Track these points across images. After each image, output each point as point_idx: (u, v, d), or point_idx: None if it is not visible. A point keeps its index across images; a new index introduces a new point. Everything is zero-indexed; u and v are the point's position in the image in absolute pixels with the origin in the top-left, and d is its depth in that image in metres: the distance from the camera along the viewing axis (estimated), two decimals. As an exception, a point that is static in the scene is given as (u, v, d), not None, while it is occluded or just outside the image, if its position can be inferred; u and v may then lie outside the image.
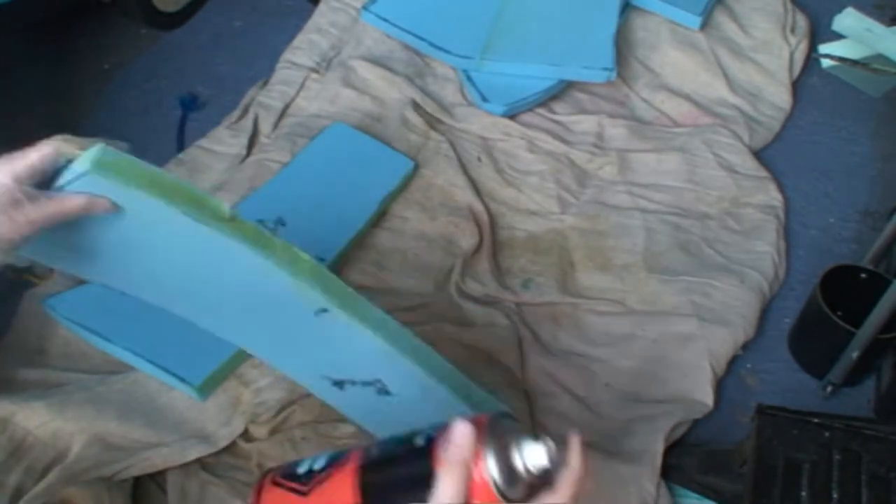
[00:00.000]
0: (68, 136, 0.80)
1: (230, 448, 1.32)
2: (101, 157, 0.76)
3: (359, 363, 0.95)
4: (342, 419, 1.31)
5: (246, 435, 1.33)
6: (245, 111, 1.95)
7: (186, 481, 1.27)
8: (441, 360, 0.95)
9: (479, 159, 1.84)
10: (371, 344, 0.88)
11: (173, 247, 0.83)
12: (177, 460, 1.27)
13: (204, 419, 1.33)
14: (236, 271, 0.84)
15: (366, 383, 0.99)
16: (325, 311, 0.85)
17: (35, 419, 1.27)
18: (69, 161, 0.79)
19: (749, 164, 1.84)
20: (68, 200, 0.80)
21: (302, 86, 1.98)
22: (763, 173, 1.83)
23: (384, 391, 0.99)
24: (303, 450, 1.32)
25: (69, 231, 0.81)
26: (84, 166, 0.76)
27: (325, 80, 1.99)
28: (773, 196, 1.78)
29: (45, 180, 0.80)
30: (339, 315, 0.84)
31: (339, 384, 1.03)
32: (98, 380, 1.37)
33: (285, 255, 0.81)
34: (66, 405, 1.30)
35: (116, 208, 0.80)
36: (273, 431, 1.33)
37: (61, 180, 0.79)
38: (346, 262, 1.64)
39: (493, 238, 1.71)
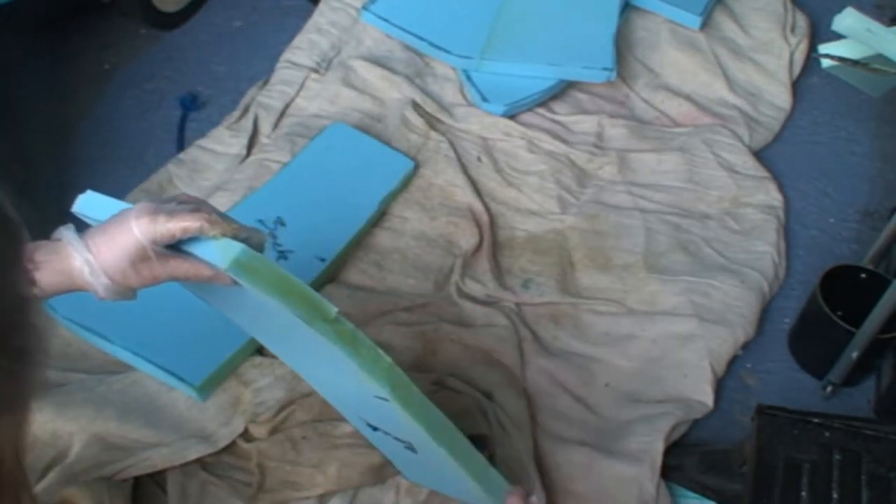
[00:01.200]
0: (212, 216, 0.82)
1: (230, 448, 1.32)
2: (240, 258, 0.80)
3: (396, 428, 1.03)
4: (342, 418, 1.31)
5: (246, 435, 1.33)
6: (245, 111, 1.94)
7: (186, 481, 1.27)
8: (474, 454, 1.01)
9: (479, 159, 1.84)
10: (412, 428, 0.96)
11: (279, 322, 0.91)
12: (177, 460, 1.27)
13: (204, 419, 1.33)
14: (327, 358, 0.93)
15: (397, 439, 1.06)
16: (385, 399, 0.92)
17: (35, 419, 1.27)
18: (209, 237, 0.82)
19: (749, 164, 1.84)
20: (196, 268, 0.83)
21: (302, 86, 1.98)
22: (763, 173, 1.83)
23: (412, 449, 1.06)
24: (303, 449, 1.32)
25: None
26: (222, 262, 0.80)
27: (325, 80, 1.99)
28: (773, 196, 1.78)
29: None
30: (396, 406, 0.92)
31: (374, 428, 1.10)
32: (98, 380, 1.37)
33: (370, 356, 0.90)
34: (66, 405, 1.30)
35: (235, 284, 0.84)
36: (273, 431, 1.33)
37: (195, 250, 0.83)
38: (346, 262, 1.64)
39: (493, 238, 1.71)
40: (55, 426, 1.27)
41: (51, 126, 2.01)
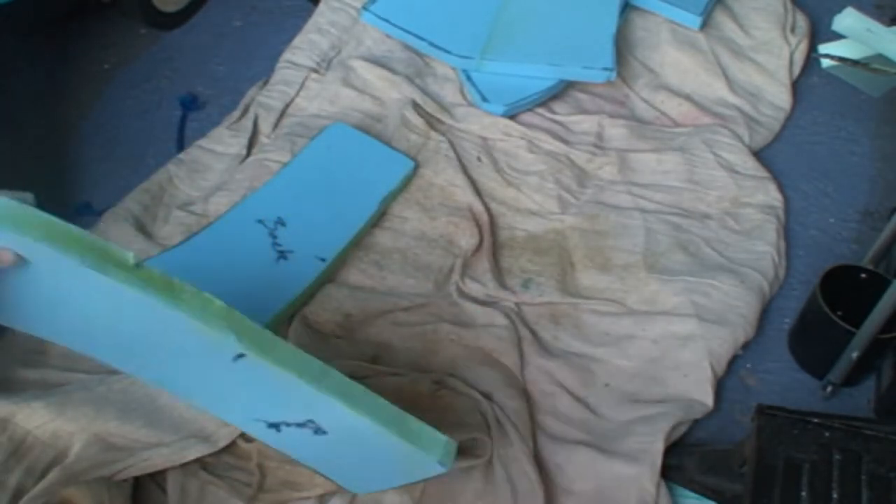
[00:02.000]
0: None
1: (230, 448, 1.32)
2: (1, 211, 0.76)
3: (287, 405, 0.94)
4: None
5: (245, 435, 1.33)
6: (245, 111, 1.95)
7: (186, 481, 1.27)
8: (369, 395, 0.93)
9: (479, 159, 1.84)
10: (293, 385, 0.86)
11: (83, 298, 0.83)
12: (177, 460, 1.27)
13: (204, 419, 1.32)
14: (149, 320, 0.83)
15: (299, 425, 0.98)
16: (242, 356, 0.83)
17: (35, 419, 1.27)
18: None
19: (749, 164, 1.84)
20: None
21: (302, 86, 1.99)
22: (763, 173, 1.83)
23: (319, 430, 0.97)
24: None
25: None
26: None
27: (325, 80, 1.99)
28: (773, 196, 1.78)
29: None
30: (257, 359, 0.83)
31: (275, 426, 1.01)
32: (98, 380, 1.37)
33: (195, 301, 0.80)
34: (66, 405, 1.30)
35: (20, 260, 0.78)
36: None
37: None
38: (346, 262, 1.64)
39: (493, 238, 1.71)
40: (55, 426, 1.27)
41: (51, 126, 2.01)
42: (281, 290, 1.52)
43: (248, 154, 1.85)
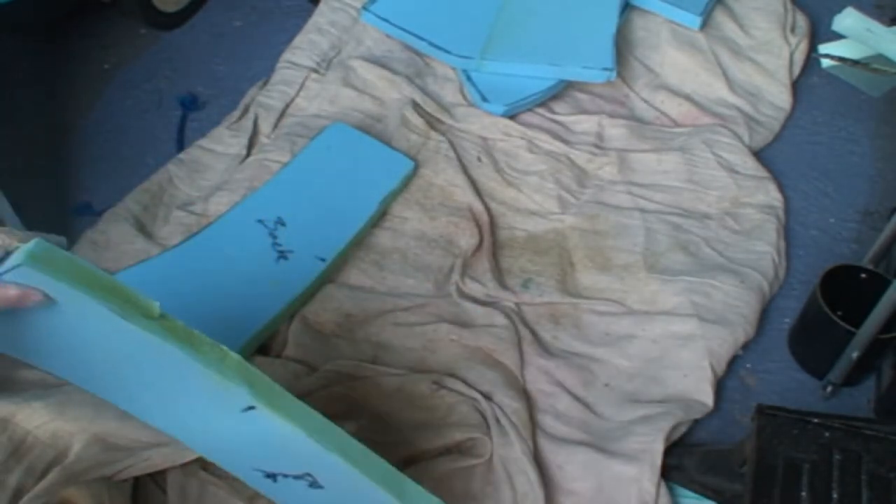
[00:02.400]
0: (6, 229, 0.82)
1: None
2: (35, 251, 0.79)
3: (288, 457, 0.96)
4: (343, 416, 1.32)
5: None
6: (245, 111, 1.95)
7: (186, 481, 1.27)
8: (371, 455, 0.95)
9: (479, 159, 1.84)
10: (297, 439, 0.90)
11: (104, 341, 0.86)
12: (177, 460, 1.27)
13: None
14: (167, 367, 0.86)
15: (297, 477, 1.00)
16: (252, 408, 0.87)
17: (35, 419, 1.27)
18: (7, 252, 0.80)
19: (749, 164, 1.84)
20: (2, 291, 0.80)
21: (302, 86, 1.99)
22: (763, 173, 1.83)
23: (316, 485, 1.00)
24: None
25: (8, 317, 0.83)
26: (19, 259, 0.78)
27: (325, 80, 1.99)
28: (773, 196, 1.78)
29: None
30: (266, 412, 0.86)
31: (271, 476, 1.03)
32: None
33: (213, 353, 0.84)
34: (66, 405, 1.29)
35: (49, 301, 0.81)
36: None
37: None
38: (346, 262, 1.64)
39: (493, 238, 1.71)
40: (55, 426, 1.27)
41: (51, 126, 2.02)
42: (281, 290, 1.53)
43: (248, 154, 1.85)
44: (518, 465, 1.31)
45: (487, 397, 1.41)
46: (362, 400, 1.40)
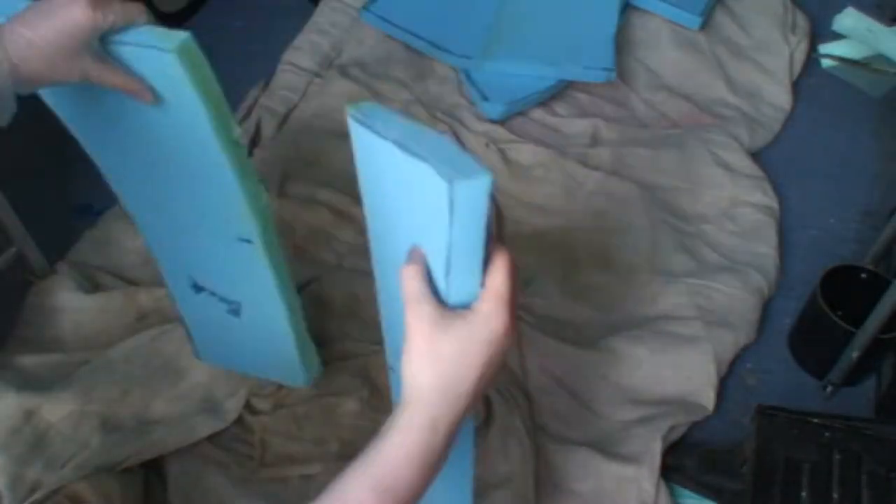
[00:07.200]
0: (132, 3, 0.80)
1: (236, 420, 1.35)
2: (187, 45, 0.78)
3: (233, 283, 1.00)
4: (344, 392, 1.36)
5: (249, 407, 1.36)
6: (247, 114, 1.95)
7: (186, 464, 1.29)
8: (301, 316, 1.01)
9: (486, 145, 1.84)
10: (259, 279, 0.94)
11: (175, 140, 0.87)
12: (187, 439, 1.29)
13: (213, 386, 1.35)
14: (214, 184, 0.88)
15: (223, 299, 1.02)
16: (247, 241, 0.90)
17: (59, 411, 1.27)
18: (127, 25, 0.80)
19: (746, 164, 1.84)
20: (126, 80, 0.81)
21: (303, 87, 1.99)
22: (760, 173, 1.83)
23: (235, 313, 1.03)
24: (305, 426, 1.35)
25: (104, 94, 0.84)
26: (169, 44, 0.77)
27: (326, 81, 1.99)
28: (772, 196, 1.78)
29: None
30: (258, 248, 0.90)
31: (197, 288, 1.05)
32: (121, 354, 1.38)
33: (252, 188, 0.88)
34: (91, 389, 1.31)
35: (157, 101, 0.82)
36: (276, 406, 1.36)
37: (128, 37, 0.80)
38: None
39: (500, 230, 1.71)
40: (77, 417, 1.28)
41: (51, 126, 2.01)
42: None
43: (250, 155, 1.85)
44: (518, 465, 1.32)
45: (487, 397, 1.41)
46: (363, 373, 1.42)
